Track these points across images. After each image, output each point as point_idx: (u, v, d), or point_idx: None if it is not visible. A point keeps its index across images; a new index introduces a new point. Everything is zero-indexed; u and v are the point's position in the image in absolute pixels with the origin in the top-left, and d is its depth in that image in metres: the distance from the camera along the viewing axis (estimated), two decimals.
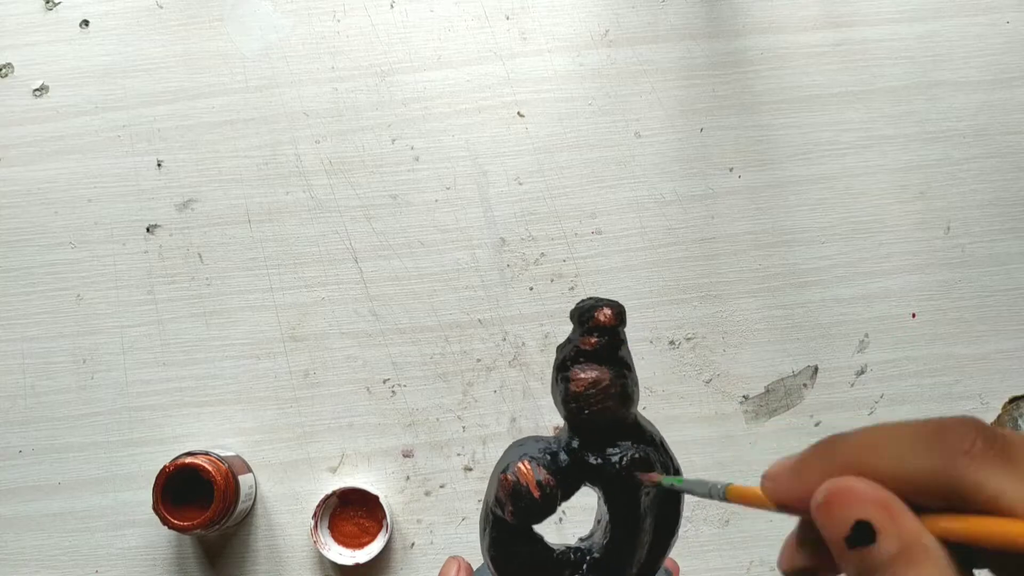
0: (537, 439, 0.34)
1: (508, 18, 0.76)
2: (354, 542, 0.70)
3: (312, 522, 0.68)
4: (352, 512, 0.71)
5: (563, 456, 0.33)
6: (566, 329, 0.74)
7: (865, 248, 0.73)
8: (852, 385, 0.72)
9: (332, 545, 0.69)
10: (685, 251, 0.73)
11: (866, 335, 0.72)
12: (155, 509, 0.65)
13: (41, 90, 0.76)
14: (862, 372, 0.72)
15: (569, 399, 0.33)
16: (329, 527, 0.70)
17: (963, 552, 0.21)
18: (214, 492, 0.64)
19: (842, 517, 0.22)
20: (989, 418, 0.71)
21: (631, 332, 0.72)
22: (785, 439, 0.71)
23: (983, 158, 0.74)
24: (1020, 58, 0.75)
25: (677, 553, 0.70)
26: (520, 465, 0.32)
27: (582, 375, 0.32)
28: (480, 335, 0.73)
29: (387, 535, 0.68)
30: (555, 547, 0.35)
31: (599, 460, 0.33)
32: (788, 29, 0.76)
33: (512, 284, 0.73)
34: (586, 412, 0.32)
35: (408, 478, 0.71)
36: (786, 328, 0.73)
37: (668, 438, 0.35)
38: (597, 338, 0.32)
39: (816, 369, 0.72)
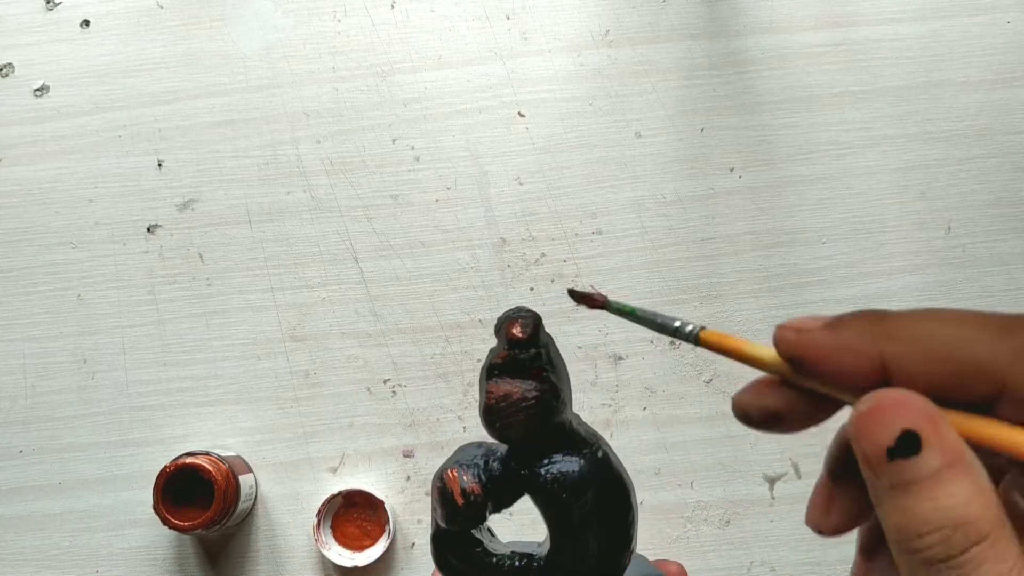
0: (478, 445, 0.34)
1: (509, 18, 0.76)
2: (355, 544, 0.70)
3: (315, 520, 0.68)
4: (355, 514, 0.71)
5: (494, 464, 0.33)
6: (566, 329, 0.74)
7: (866, 248, 0.73)
8: None
9: (333, 545, 0.69)
10: (686, 251, 0.73)
11: None
12: (155, 509, 0.65)
13: (42, 90, 0.76)
14: None
15: (483, 411, 0.32)
16: (331, 527, 0.70)
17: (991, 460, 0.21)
18: (214, 492, 0.64)
19: (889, 426, 0.21)
20: None
21: (633, 333, 0.72)
22: (785, 439, 0.71)
23: (984, 158, 0.74)
24: (1021, 58, 0.75)
25: (678, 553, 0.70)
26: (448, 472, 0.33)
27: (492, 389, 0.32)
28: (481, 335, 0.73)
29: (388, 540, 0.68)
30: (498, 554, 0.35)
31: (526, 472, 0.33)
32: (789, 29, 0.76)
33: (513, 284, 0.73)
34: (497, 425, 0.32)
35: (409, 478, 0.71)
36: None
37: (669, 438, 0.35)
38: (507, 351, 0.32)
39: None
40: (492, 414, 0.32)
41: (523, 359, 0.32)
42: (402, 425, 0.72)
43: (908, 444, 0.20)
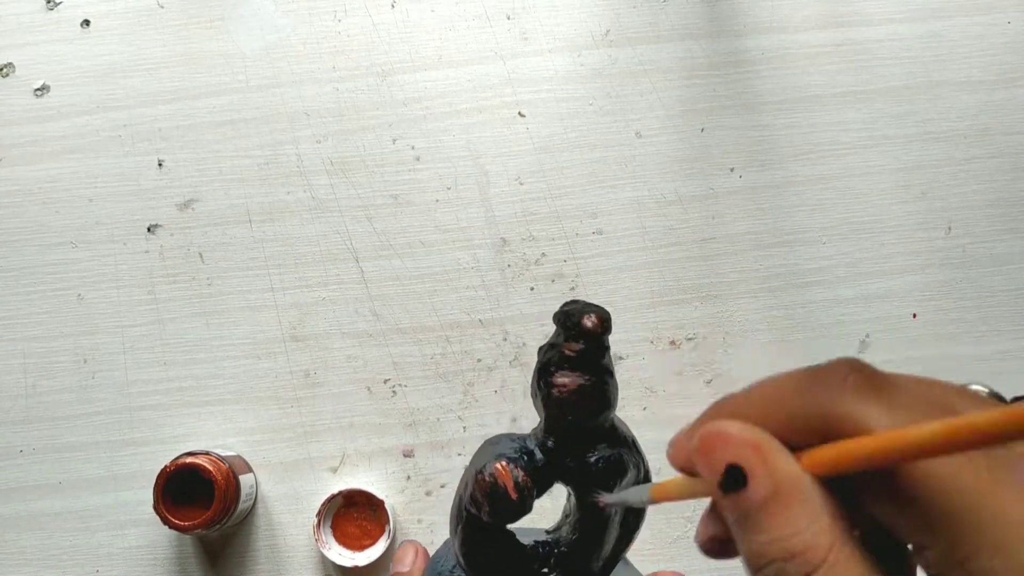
0: (511, 437, 0.35)
1: (509, 18, 0.76)
2: (355, 544, 0.70)
3: (315, 520, 0.68)
4: (356, 514, 0.71)
5: (539, 456, 0.34)
6: None
7: (866, 248, 0.73)
8: None
9: (333, 544, 0.69)
10: (686, 251, 0.73)
11: (867, 335, 0.72)
12: (156, 509, 0.65)
13: (42, 90, 0.76)
14: None
15: (551, 404, 0.33)
16: (332, 526, 0.70)
17: (853, 501, 0.21)
18: (215, 492, 0.64)
19: (715, 462, 0.21)
20: None
21: (633, 333, 0.72)
22: None
23: (985, 158, 0.74)
24: (1021, 58, 0.75)
25: (678, 553, 0.70)
26: (498, 466, 0.32)
27: (565, 381, 0.32)
28: (481, 335, 0.73)
29: (388, 540, 0.68)
30: (524, 543, 0.35)
31: (575, 463, 0.33)
32: (789, 29, 0.76)
33: (513, 284, 0.73)
34: (568, 418, 0.33)
35: (409, 478, 0.71)
36: (787, 328, 0.72)
37: (669, 438, 0.36)
38: (582, 345, 0.32)
39: None
40: (565, 406, 0.32)
41: (595, 352, 0.32)
42: (402, 425, 0.72)
43: (734, 477, 0.20)
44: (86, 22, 0.76)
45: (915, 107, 0.75)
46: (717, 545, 0.24)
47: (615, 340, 0.72)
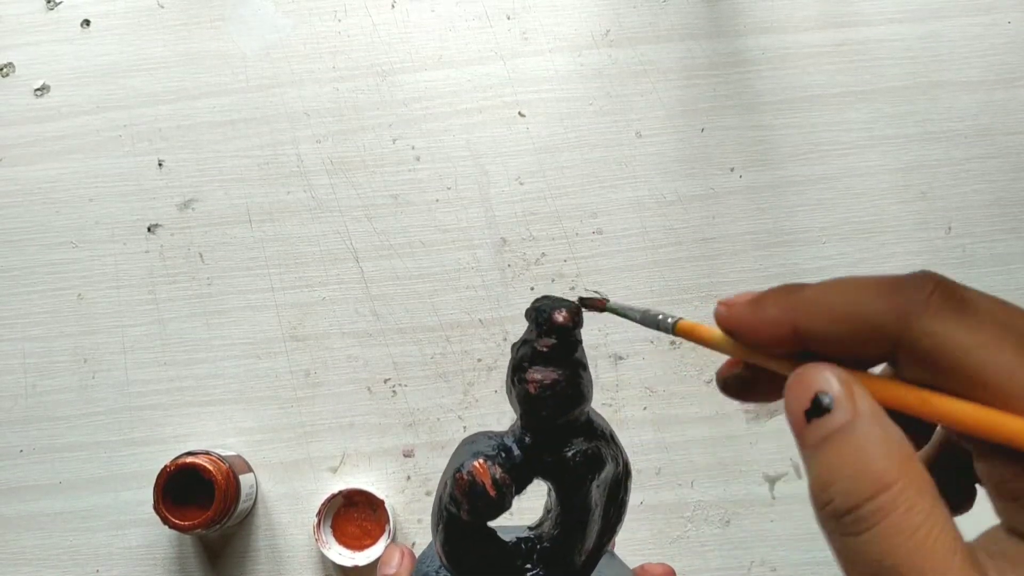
0: (489, 435, 0.35)
1: (509, 18, 0.76)
2: (355, 543, 0.70)
3: (316, 519, 0.68)
4: (356, 513, 0.71)
5: (516, 452, 0.34)
6: None
7: (866, 248, 0.73)
8: None
9: (333, 544, 0.69)
10: (686, 251, 0.73)
11: None
12: (156, 509, 0.65)
13: (42, 90, 0.76)
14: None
15: (526, 400, 0.33)
16: (332, 526, 0.70)
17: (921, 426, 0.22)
18: (215, 492, 0.64)
19: (806, 392, 0.22)
20: None
21: (633, 333, 0.72)
22: (786, 439, 0.71)
23: (984, 158, 0.74)
24: (1021, 58, 0.75)
25: (678, 553, 0.70)
26: (476, 464, 0.33)
27: (538, 377, 0.32)
28: (481, 335, 0.73)
29: (388, 540, 0.68)
30: (506, 540, 0.35)
31: (553, 457, 0.34)
32: (789, 29, 0.76)
33: (513, 284, 0.73)
34: (543, 413, 0.33)
35: (409, 478, 0.71)
36: None
37: (669, 438, 0.36)
38: (553, 340, 0.32)
39: None
40: (539, 402, 0.33)
41: (567, 347, 0.33)
42: (402, 425, 0.72)
43: (820, 405, 0.22)
44: (86, 22, 0.76)
45: (915, 107, 0.75)
46: (738, 383, 0.27)
47: (615, 339, 0.72)
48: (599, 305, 0.34)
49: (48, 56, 0.76)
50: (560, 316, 0.32)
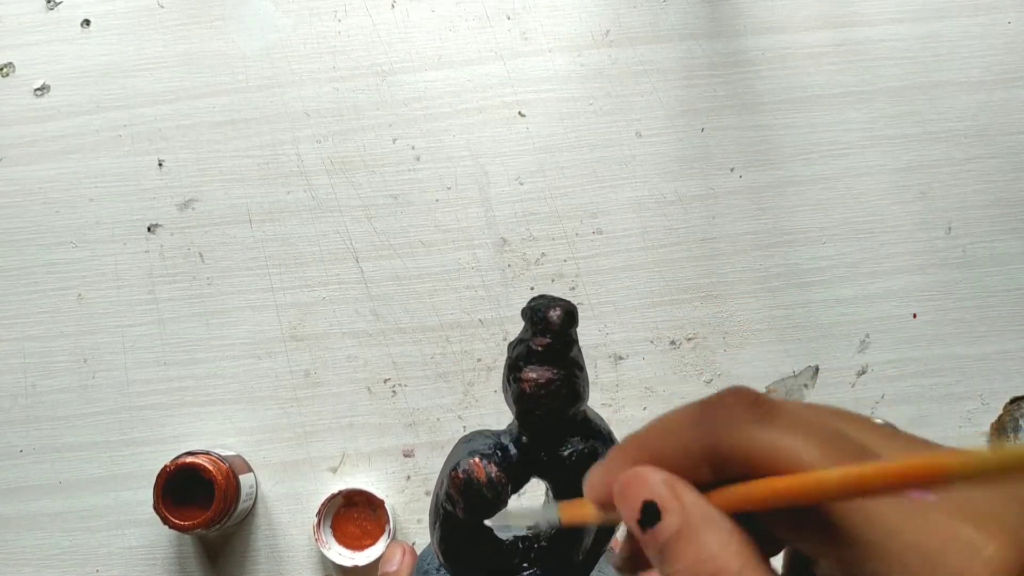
0: (486, 435, 0.35)
1: (509, 18, 0.76)
2: (355, 543, 0.70)
3: (315, 520, 0.68)
4: (356, 513, 0.71)
5: (513, 451, 0.34)
6: None
7: (866, 248, 0.73)
8: (853, 385, 0.72)
9: (333, 544, 0.69)
10: (686, 251, 0.73)
11: (867, 335, 0.72)
12: (156, 509, 0.65)
13: (42, 89, 0.76)
14: (863, 372, 0.72)
15: (521, 400, 0.33)
16: (331, 526, 0.70)
17: (762, 532, 0.23)
18: (215, 492, 0.64)
19: (633, 502, 0.23)
20: (989, 419, 0.71)
21: (633, 332, 0.72)
22: None
23: (984, 158, 0.74)
24: (1022, 58, 0.75)
25: None
26: (472, 462, 0.33)
27: (533, 376, 0.33)
28: (481, 335, 0.73)
29: (388, 540, 0.68)
30: (503, 538, 0.35)
31: (549, 457, 0.34)
32: (789, 29, 0.76)
33: (513, 284, 0.73)
34: (538, 412, 0.33)
35: (409, 478, 0.71)
36: (787, 328, 0.73)
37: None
38: (549, 339, 0.33)
39: (817, 369, 0.72)
40: (533, 401, 0.33)
41: (562, 346, 0.33)
42: (402, 425, 0.72)
43: (650, 514, 0.22)
44: (86, 22, 0.76)
45: (915, 107, 0.75)
46: (631, 563, 0.26)
47: (615, 339, 0.72)
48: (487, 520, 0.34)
49: (48, 56, 0.76)
50: (555, 315, 0.32)
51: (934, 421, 0.71)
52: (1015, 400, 0.71)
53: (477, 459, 0.33)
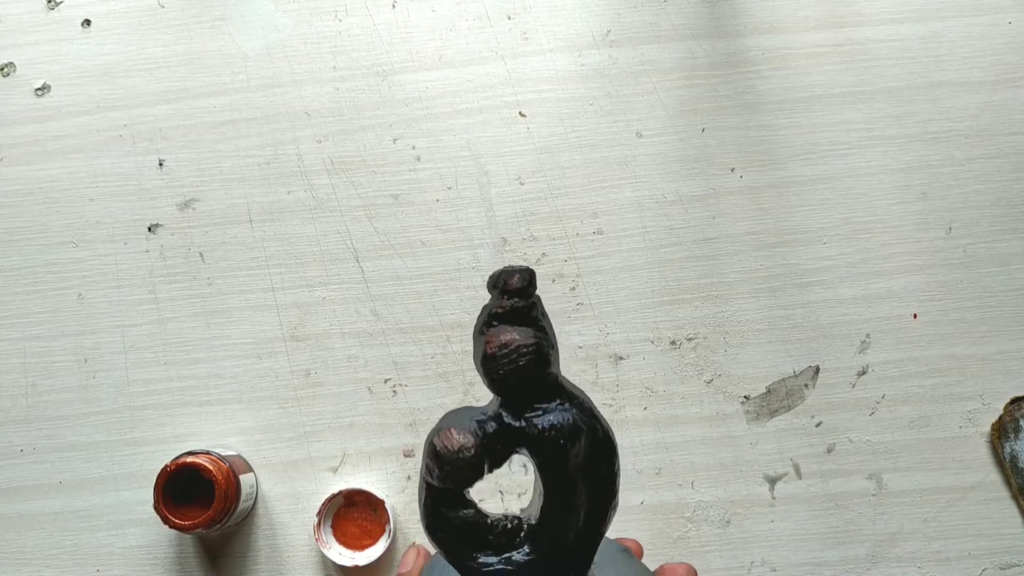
0: (469, 409, 0.35)
1: (510, 18, 0.76)
2: (355, 543, 0.70)
3: (316, 519, 0.68)
4: (356, 513, 0.71)
5: (491, 424, 0.34)
6: (568, 330, 0.74)
7: (867, 248, 0.73)
8: (853, 386, 0.72)
9: (333, 544, 0.69)
10: (686, 251, 0.73)
11: (867, 336, 0.72)
12: (156, 508, 0.65)
13: (43, 89, 0.76)
14: (863, 373, 0.72)
15: (485, 360, 0.33)
16: (332, 526, 0.70)
17: None
18: (215, 491, 0.64)
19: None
20: (990, 419, 0.71)
21: (634, 332, 0.72)
22: (786, 439, 0.71)
23: (985, 159, 0.74)
24: (1022, 58, 0.75)
25: (679, 553, 0.70)
26: (445, 431, 0.33)
27: (495, 337, 0.33)
28: None
29: (388, 540, 0.68)
30: (491, 515, 0.35)
31: (522, 423, 0.34)
32: (790, 29, 0.76)
33: None
34: (500, 372, 0.33)
35: (409, 478, 0.71)
36: (787, 328, 0.72)
37: (669, 439, 0.36)
38: (508, 301, 0.34)
39: (817, 369, 0.72)
40: (494, 361, 0.33)
41: (522, 308, 0.34)
42: (403, 425, 0.72)
43: None
44: (87, 22, 0.76)
45: (915, 107, 0.75)
46: None
47: (616, 339, 0.72)
48: None
49: (49, 56, 0.76)
50: (514, 279, 0.34)
51: (935, 421, 0.71)
52: (1016, 400, 0.71)
53: (451, 429, 0.33)
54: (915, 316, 0.73)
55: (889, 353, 0.72)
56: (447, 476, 0.33)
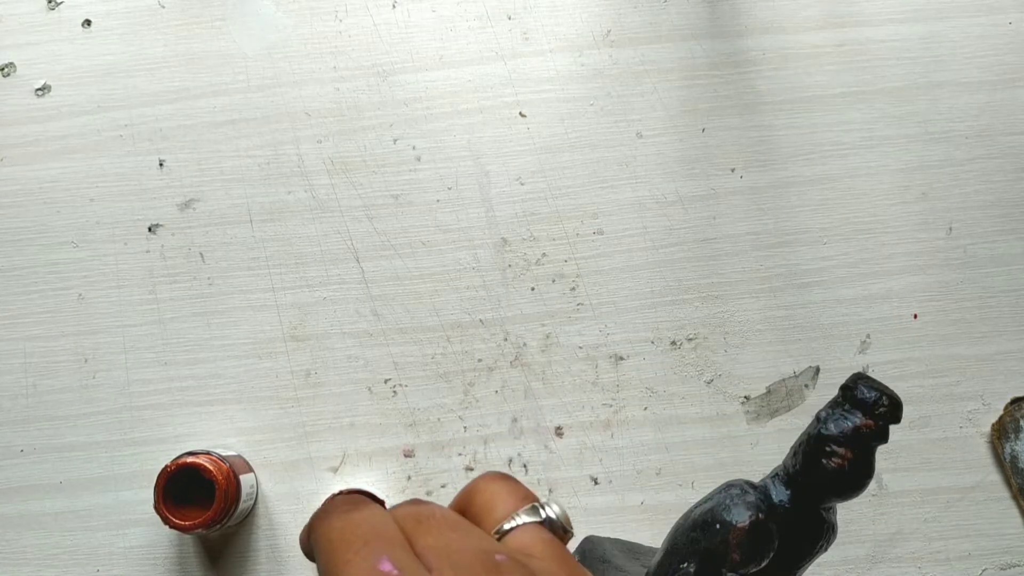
0: (752, 485, 0.37)
1: (510, 18, 0.76)
2: None
3: None
4: None
5: (780, 505, 0.36)
6: (568, 329, 0.74)
7: (867, 249, 0.73)
8: None
9: None
10: (687, 251, 0.73)
11: (868, 336, 0.72)
12: (156, 508, 0.65)
13: (43, 89, 0.76)
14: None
15: (833, 472, 0.35)
16: None
17: None
18: (215, 492, 0.64)
19: None
20: (990, 419, 0.71)
21: (634, 333, 0.72)
22: (786, 440, 0.71)
23: (985, 159, 0.74)
24: (1023, 58, 0.75)
25: None
26: (758, 516, 0.35)
27: (851, 456, 0.35)
28: (481, 335, 0.73)
29: None
30: None
31: (820, 517, 0.36)
32: (790, 29, 0.76)
33: (514, 284, 0.73)
34: (837, 486, 0.35)
35: (409, 478, 0.71)
36: (788, 329, 0.72)
37: (669, 439, 0.37)
38: (879, 424, 0.35)
39: (818, 370, 0.72)
40: (839, 475, 0.35)
41: (884, 433, 0.35)
42: (403, 425, 0.72)
43: None
44: (87, 22, 0.76)
45: (916, 107, 0.75)
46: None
47: (616, 339, 0.72)
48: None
49: (49, 56, 0.76)
50: (899, 413, 0.35)
51: (935, 422, 0.71)
52: (1016, 400, 0.71)
53: (757, 513, 0.35)
54: (915, 316, 0.73)
55: (889, 353, 0.72)
56: (753, 560, 0.35)
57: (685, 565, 0.35)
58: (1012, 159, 0.74)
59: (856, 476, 0.34)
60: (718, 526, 0.34)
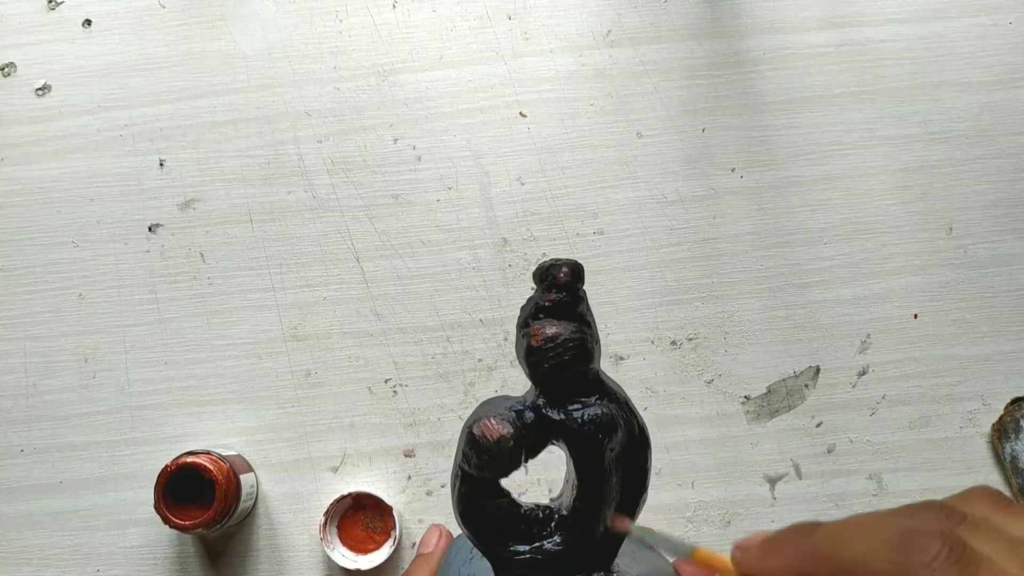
0: (506, 398, 0.36)
1: (510, 18, 0.76)
2: (360, 547, 0.70)
3: (323, 518, 0.68)
4: (362, 516, 0.70)
5: (528, 414, 0.34)
6: None
7: (867, 249, 0.73)
8: (854, 386, 0.72)
9: (338, 545, 0.69)
10: (687, 251, 0.73)
11: (868, 336, 0.72)
12: (156, 508, 0.65)
13: (43, 89, 0.76)
14: (864, 373, 0.72)
15: (529, 353, 0.34)
16: (338, 527, 0.70)
17: None
18: (215, 491, 0.64)
19: None
20: (991, 419, 0.71)
21: (634, 333, 0.72)
22: (786, 440, 0.71)
23: (986, 159, 0.74)
24: (1022, 58, 0.75)
25: None
26: (485, 420, 0.33)
27: (541, 330, 0.33)
28: (482, 335, 0.73)
29: (393, 547, 0.68)
30: (524, 504, 0.36)
31: (562, 416, 0.34)
32: (790, 29, 0.76)
33: (514, 284, 0.73)
34: (545, 366, 0.34)
35: (410, 478, 0.71)
36: (788, 329, 0.72)
37: (670, 439, 0.37)
38: (556, 295, 0.34)
39: (818, 370, 0.72)
40: (539, 354, 0.33)
41: (569, 302, 0.34)
42: (403, 425, 0.72)
43: None
44: (87, 22, 0.76)
45: (916, 107, 0.75)
46: None
47: (616, 340, 0.72)
48: (624, 528, 0.35)
49: (49, 56, 0.76)
50: (561, 273, 0.34)
51: (935, 422, 0.71)
52: (1016, 400, 0.71)
53: (491, 418, 0.33)
54: (915, 316, 0.73)
55: (889, 353, 0.72)
56: (485, 465, 0.33)
57: (454, 484, 0.36)
58: (1012, 159, 0.74)
59: (556, 347, 0.33)
60: (461, 437, 0.35)
